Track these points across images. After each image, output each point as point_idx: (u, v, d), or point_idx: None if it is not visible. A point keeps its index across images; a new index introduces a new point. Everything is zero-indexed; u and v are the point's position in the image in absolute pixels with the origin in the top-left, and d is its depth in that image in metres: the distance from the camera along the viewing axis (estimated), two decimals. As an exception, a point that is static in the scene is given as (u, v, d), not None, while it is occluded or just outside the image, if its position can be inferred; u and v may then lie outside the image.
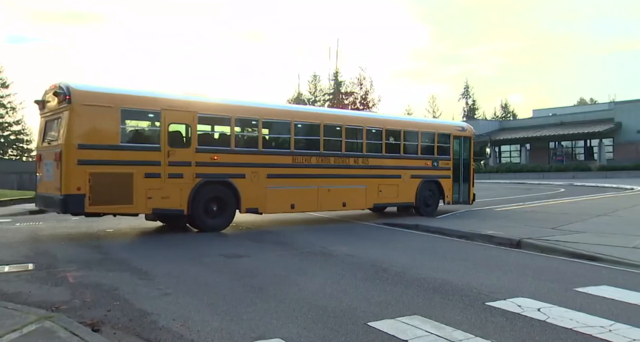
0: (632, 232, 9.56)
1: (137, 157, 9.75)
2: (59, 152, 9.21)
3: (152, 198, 9.82)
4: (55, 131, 9.78)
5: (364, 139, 12.94)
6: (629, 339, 4.02)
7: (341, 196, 12.48)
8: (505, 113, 77.96)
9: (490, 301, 5.18)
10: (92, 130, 9.39)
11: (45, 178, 10.04)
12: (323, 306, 5.08)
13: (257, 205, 11.24)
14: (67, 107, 9.23)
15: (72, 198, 9.09)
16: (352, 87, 27.94)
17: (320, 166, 12.14)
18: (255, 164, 11.13)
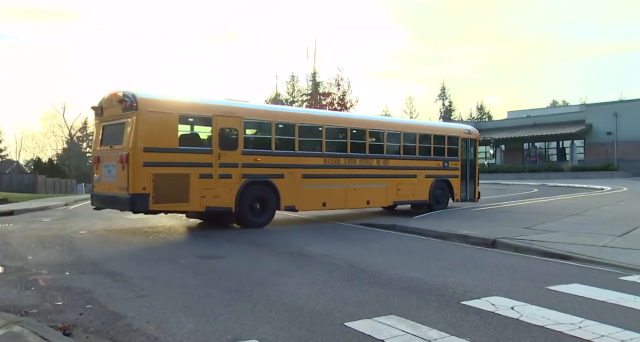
0: (601, 232, 9.80)
1: (192, 159, 10.53)
2: (125, 155, 9.91)
3: (205, 197, 10.59)
4: (118, 136, 10.38)
5: (385, 141, 14.00)
6: (597, 335, 4.11)
7: (365, 194, 13.39)
8: (481, 114, 79.15)
9: (466, 300, 5.24)
10: (155, 135, 10.12)
11: (105, 179, 10.77)
12: (300, 307, 5.07)
13: (294, 203, 12.04)
14: (134, 114, 9.98)
15: (138, 197, 9.82)
16: (330, 87, 27.96)
17: (348, 167, 13.08)
18: (292, 165, 12.01)
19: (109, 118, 10.95)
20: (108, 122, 11.03)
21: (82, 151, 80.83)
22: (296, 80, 71.45)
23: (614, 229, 10.03)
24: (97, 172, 11.18)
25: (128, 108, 10.12)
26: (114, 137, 10.60)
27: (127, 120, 10.16)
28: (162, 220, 14.11)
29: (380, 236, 10.89)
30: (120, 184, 10.09)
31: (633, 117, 39.59)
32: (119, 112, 10.46)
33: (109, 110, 10.95)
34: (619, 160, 39.32)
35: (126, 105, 10.16)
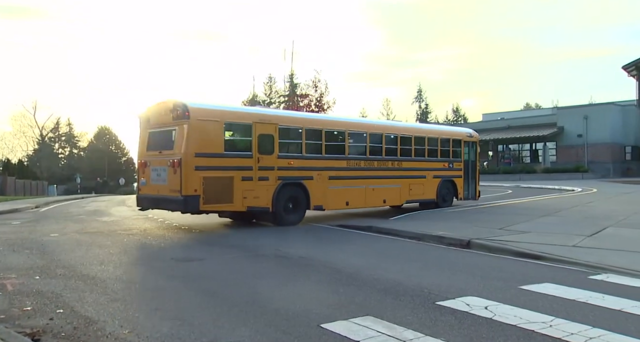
0: (572, 232, 10.02)
1: (236, 163, 11.31)
2: (178, 160, 10.66)
3: (246, 198, 11.36)
4: (169, 142, 11.17)
5: (399, 145, 14.94)
6: (567, 333, 4.21)
7: (382, 194, 14.39)
8: (457, 117, 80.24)
9: (440, 301, 5.30)
10: (204, 141, 10.90)
11: (154, 182, 11.51)
12: (276, 309, 5.06)
13: (321, 203, 12.89)
14: (185, 122, 10.71)
15: (191, 198, 10.59)
16: (308, 89, 27.98)
17: (367, 169, 14.05)
18: (320, 167, 12.85)
19: (156, 126, 11.68)
20: (155, 129, 11.74)
21: (54, 152, 79.11)
22: (274, 81, 71.23)
23: (584, 229, 10.28)
24: (143, 176, 11.84)
25: (179, 117, 10.86)
26: (163, 143, 11.37)
27: (178, 127, 10.94)
28: (136, 222, 13.93)
29: (356, 237, 10.93)
30: (172, 187, 10.80)
31: (602, 120, 40.67)
32: (168, 120, 11.21)
33: (156, 118, 11.67)
34: (589, 162, 40.30)
35: (177, 114, 10.91)
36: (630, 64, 44.75)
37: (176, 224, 13.19)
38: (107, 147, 78.93)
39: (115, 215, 17.05)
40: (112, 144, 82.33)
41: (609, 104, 43.77)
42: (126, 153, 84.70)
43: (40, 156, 75.20)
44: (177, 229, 12.14)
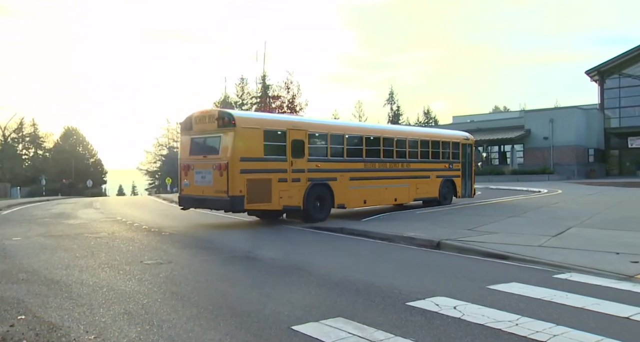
0: (538, 232, 10.28)
1: (273, 166, 12.35)
2: (225, 163, 11.65)
3: (282, 197, 12.41)
4: (214, 147, 12.18)
5: (407, 148, 16.17)
6: (532, 331, 4.31)
7: (394, 193, 15.64)
8: (428, 119, 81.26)
9: (411, 301, 5.36)
10: (247, 147, 11.91)
11: (198, 183, 12.39)
12: (246, 312, 5.02)
13: (343, 201, 13.98)
14: (231, 130, 11.76)
15: (237, 198, 11.58)
16: (280, 90, 27.87)
17: (381, 170, 15.30)
18: (342, 169, 14.00)
19: (200, 132, 12.66)
20: (198, 136, 12.74)
21: (17, 153, 76.67)
22: (245, 82, 70.81)
23: (549, 230, 10.55)
24: (186, 178, 12.72)
25: (225, 124, 11.89)
26: (208, 148, 12.42)
27: (223, 134, 11.95)
28: (104, 225, 13.65)
29: (328, 238, 10.95)
30: (218, 188, 11.75)
31: (567, 123, 41.83)
32: (213, 127, 12.23)
33: (199, 125, 12.65)
34: (554, 164, 41.41)
35: (224, 122, 11.94)
36: (592, 69, 46.23)
37: (145, 226, 12.97)
38: (74, 148, 77.01)
39: (82, 218, 16.65)
40: (80, 145, 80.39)
41: (573, 108, 45.04)
42: (94, 154, 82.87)
43: (3, 157, 72.72)
44: (146, 232, 11.94)
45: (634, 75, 45.40)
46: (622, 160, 45.70)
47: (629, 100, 45.44)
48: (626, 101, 45.63)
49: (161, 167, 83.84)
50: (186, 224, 13.12)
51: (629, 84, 45.56)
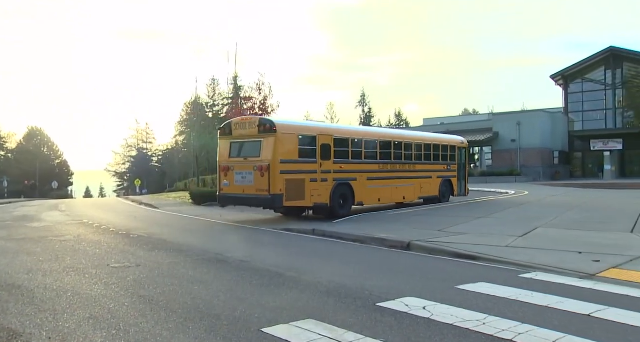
0: (506, 233, 10.50)
1: (306, 168, 13.66)
2: (266, 165, 12.91)
3: (313, 196, 13.71)
4: (254, 150, 13.36)
5: (413, 151, 17.87)
6: (498, 330, 4.40)
7: (403, 191, 17.23)
8: (399, 121, 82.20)
9: (381, 302, 5.39)
10: (285, 150, 13.21)
11: (238, 183, 13.60)
12: (216, 315, 4.97)
13: (362, 199, 15.38)
14: (273, 135, 13.03)
15: (277, 197, 12.84)
16: (252, 92, 27.63)
17: (392, 171, 16.84)
18: (361, 170, 15.46)
19: (240, 137, 13.92)
20: (237, 140, 14.00)
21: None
22: (217, 83, 70.25)
23: (517, 230, 10.80)
24: (226, 178, 13.94)
25: (267, 130, 13.16)
26: (249, 151, 13.59)
27: (264, 139, 13.18)
28: (70, 228, 13.32)
29: (300, 240, 10.94)
30: (259, 187, 13.00)
31: (533, 126, 42.91)
32: (253, 133, 13.49)
33: (239, 131, 13.94)
34: (521, 166, 42.41)
35: (265, 128, 13.22)
36: (557, 73, 47.59)
37: (113, 229, 12.71)
38: (38, 149, 74.87)
39: (47, 220, 16.19)
40: (45, 145, 78.24)
41: (539, 111, 46.25)
42: (60, 155, 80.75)
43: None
44: (114, 234, 11.69)
45: (595, 80, 46.96)
46: (585, 162, 47.15)
47: (591, 105, 46.98)
48: (589, 105, 47.16)
49: (130, 169, 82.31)
50: (156, 226, 12.91)
51: (591, 88, 47.11)
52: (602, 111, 46.47)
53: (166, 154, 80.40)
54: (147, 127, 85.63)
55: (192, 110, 63.43)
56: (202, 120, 59.12)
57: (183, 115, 72.88)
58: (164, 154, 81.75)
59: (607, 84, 46.07)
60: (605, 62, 45.64)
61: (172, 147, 77.97)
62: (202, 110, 63.87)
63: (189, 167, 58.75)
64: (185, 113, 70.84)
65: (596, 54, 45.94)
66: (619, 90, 46.15)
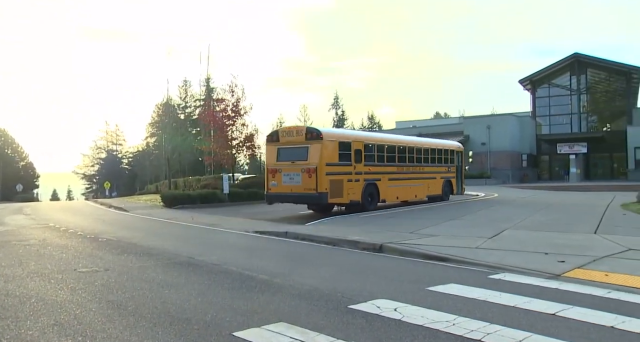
0: (475, 234, 10.69)
1: (344, 169, 15.87)
2: (314, 167, 15.04)
3: (349, 194, 15.85)
4: (301, 155, 15.42)
5: (422, 154, 20.19)
6: (467, 330, 4.47)
7: (414, 190, 19.64)
8: (372, 124, 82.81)
9: (353, 304, 5.41)
10: (329, 155, 15.39)
11: (285, 183, 15.66)
12: (187, 319, 4.90)
13: (384, 197, 17.72)
14: (319, 142, 15.23)
15: (323, 194, 15.05)
16: (224, 94, 27.44)
17: (406, 172, 19.11)
18: (384, 172, 17.72)
19: (287, 143, 15.95)
20: (284, 146, 16.01)
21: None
22: (189, 85, 69.49)
23: (486, 232, 11.00)
24: (274, 179, 15.94)
25: (314, 137, 15.36)
26: (296, 155, 15.58)
27: (311, 145, 15.31)
28: (35, 232, 12.97)
29: (272, 243, 10.90)
30: (307, 186, 15.08)
31: (502, 129, 43.89)
32: (300, 139, 15.61)
33: (286, 138, 16.06)
34: (491, 169, 43.27)
35: (312, 135, 15.45)
36: (525, 78, 48.76)
37: (81, 232, 12.42)
38: (2, 151, 72.59)
39: (10, 224, 15.71)
40: (9, 147, 75.91)
41: (508, 115, 47.30)
42: (25, 157, 78.46)
43: None
44: (81, 238, 11.43)
45: (561, 85, 48.32)
46: (552, 165, 48.43)
47: (558, 109, 48.30)
48: (555, 109, 48.47)
49: (99, 171, 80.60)
50: (125, 229, 12.66)
51: (557, 93, 48.44)
52: (568, 115, 47.84)
53: (137, 156, 79.01)
54: (117, 129, 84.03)
55: (163, 112, 62.60)
56: (174, 121, 58.39)
57: (154, 117, 71.83)
58: (135, 156, 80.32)
59: (572, 89, 47.46)
60: (571, 68, 47.03)
61: (143, 149, 76.68)
62: (173, 111, 63.08)
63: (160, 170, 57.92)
64: (157, 114, 69.85)
65: (561, 60, 47.29)
66: (583, 96, 47.61)
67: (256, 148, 29.49)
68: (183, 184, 33.42)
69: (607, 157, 46.83)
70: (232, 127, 26.73)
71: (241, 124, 26.78)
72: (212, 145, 27.53)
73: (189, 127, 62.77)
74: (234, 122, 26.64)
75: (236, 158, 30.92)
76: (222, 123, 26.62)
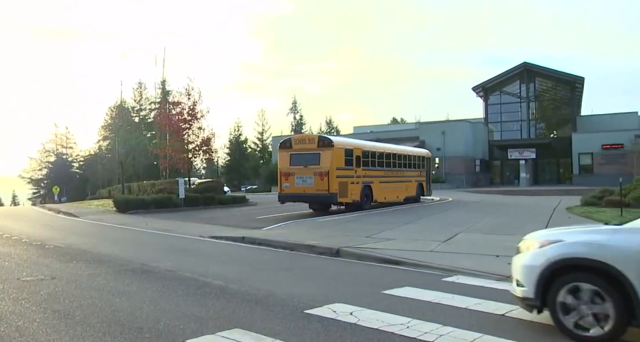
0: (430, 238, 10.90)
1: (348, 173, 18.06)
2: (326, 171, 17.12)
3: (352, 194, 18.00)
4: (314, 160, 17.48)
5: (402, 160, 22.91)
6: (421, 333, 4.55)
7: (397, 192, 22.07)
8: (330, 129, 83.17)
9: (309, 309, 5.41)
10: (338, 160, 17.62)
11: (298, 185, 17.55)
12: (139, 327, 4.76)
13: (376, 197, 19.89)
14: (331, 149, 17.50)
15: (334, 194, 17.12)
16: (180, 97, 26.91)
17: (390, 176, 21.54)
18: (376, 175, 20.12)
19: (299, 150, 18.03)
20: (297, 152, 18.05)
21: None
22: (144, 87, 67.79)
23: (440, 236, 11.24)
24: (287, 181, 17.82)
25: (325, 145, 17.69)
26: (309, 160, 17.61)
27: (322, 152, 17.53)
28: (-24, 239, 12.31)
29: (229, 248, 10.76)
30: (319, 187, 17.12)
31: (456, 135, 45.04)
32: (313, 147, 17.84)
33: (299, 145, 18.23)
34: (446, 174, 44.30)
35: (324, 143, 17.79)
36: (478, 85, 50.32)
37: (26, 239, 11.89)
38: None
39: (-51, 231, 14.82)
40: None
41: (462, 121, 48.60)
42: (-34, 160, 74.42)
43: None
44: (27, 245, 10.93)
45: (511, 93, 50.16)
46: (504, 170, 50.09)
47: (509, 116, 50.07)
48: (506, 116, 50.22)
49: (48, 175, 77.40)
50: (75, 235, 12.18)
51: (508, 100, 50.24)
52: (518, 122, 49.66)
53: (89, 160, 76.29)
54: (67, 132, 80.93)
55: (117, 115, 60.83)
56: (128, 125, 56.83)
57: (107, 120, 69.65)
58: (87, 159, 77.54)
59: (522, 97, 49.33)
60: (520, 77, 48.89)
61: (95, 153, 74.15)
62: (127, 114, 61.41)
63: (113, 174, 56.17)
64: (110, 117, 67.77)
65: (512, 69, 49.09)
66: (532, 103, 49.58)
67: (213, 152, 29.08)
68: (137, 188, 32.56)
69: (554, 163, 48.85)
70: (188, 131, 26.29)
71: (198, 127, 26.38)
72: (168, 149, 26.97)
73: (144, 130, 61.19)
74: (190, 125, 26.21)
75: (192, 162, 30.32)
76: (178, 126, 26.14)
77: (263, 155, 67.33)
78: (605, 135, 42.15)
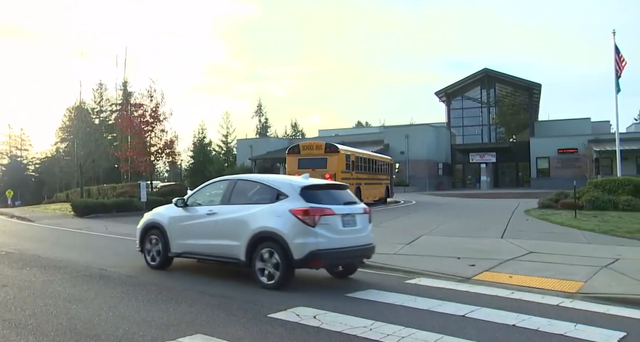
0: (395, 241, 11.01)
1: (347, 175, 20.47)
2: (333, 174, 19.58)
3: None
4: (321, 164, 20.37)
5: (377, 165, 25.97)
6: (384, 335, 4.59)
7: (374, 193, 24.48)
8: (295, 132, 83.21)
9: (272, 313, 5.37)
10: (342, 164, 20.83)
11: None
12: (96, 335, 4.62)
13: (363, 197, 20.39)
14: (336, 154, 20.89)
15: None
16: (142, 99, 26.38)
17: (372, 179, 24.53)
18: (363, 178, 23.02)
19: (307, 155, 21.16)
20: (305, 157, 21.13)
21: None
22: (104, 88, 66.13)
23: (404, 238, 11.38)
24: None
25: (332, 151, 20.91)
26: (316, 164, 20.11)
27: (329, 157, 20.69)
28: None
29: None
30: None
31: (420, 139, 45.79)
32: (320, 152, 21.00)
33: (307, 151, 21.39)
34: (410, 177, 44.96)
35: (331, 149, 20.95)
36: (441, 90, 51.40)
37: None
38: None
39: None
40: None
41: (425, 125, 49.48)
42: None
43: None
44: None
45: (473, 98, 51.46)
46: (466, 173, 51.28)
47: (471, 120, 51.34)
48: (468, 121, 51.48)
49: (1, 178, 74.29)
50: (29, 240, 11.72)
51: (470, 105, 51.52)
52: (479, 127, 50.96)
53: (45, 163, 73.71)
54: (22, 133, 78.04)
55: (75, 116, 59.08)
56: (88, 126, 55.20)
57: (65, 121, 67.58)
58: (43, 162, 74.91)
59: (483, 102, 50.67)
60: (481, 82, 50.22)
61: (52, 155, 71.72)
62: (87, 116, 59.69)
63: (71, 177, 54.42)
64: (68, 119, 65.78)
65: (473, 75, 50.39)
66: (492, 108, 50.97)
67: (176, 155, 28.62)
68: (97, 192, 31.68)
69: (513, 166, 50.35)
70: (150, 133, 25.80)
71: (160, 130, 25.95)
72: (129, 151, 26.37)
73: (105, 132, 59.63)
74: (152, 128, 25.74)
75: (155, 165, 29.75)
76: (140, 129, 25.62)
77: (228, 158, 66.65)
78: (561, 140, 43.77)
